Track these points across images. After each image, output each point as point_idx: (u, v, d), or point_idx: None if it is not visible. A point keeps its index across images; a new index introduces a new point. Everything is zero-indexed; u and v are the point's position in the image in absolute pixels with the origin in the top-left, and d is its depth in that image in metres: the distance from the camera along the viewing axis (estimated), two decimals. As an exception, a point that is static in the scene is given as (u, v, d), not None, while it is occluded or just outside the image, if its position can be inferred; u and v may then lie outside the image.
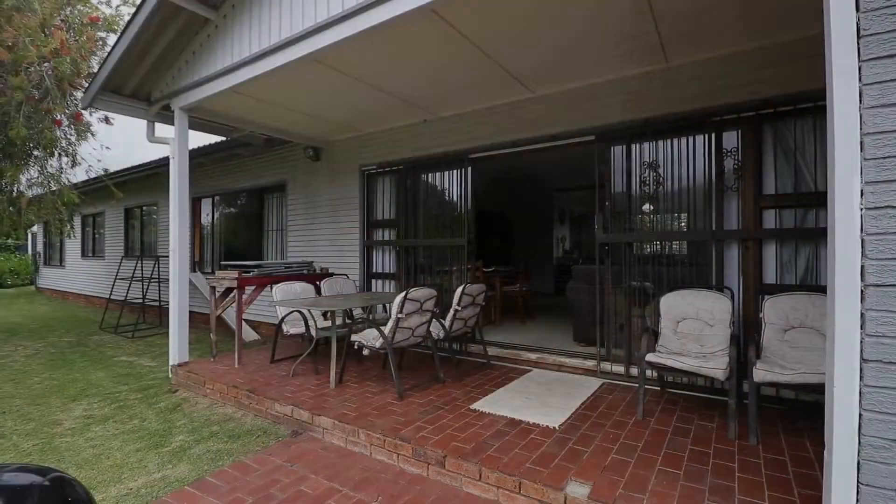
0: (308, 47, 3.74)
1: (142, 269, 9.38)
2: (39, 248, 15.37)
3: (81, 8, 5.10)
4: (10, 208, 5.14)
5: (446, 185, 5.74)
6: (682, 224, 4.27)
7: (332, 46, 3.63)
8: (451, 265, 5.68)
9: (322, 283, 5.78)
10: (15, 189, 5.00)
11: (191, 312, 9.13)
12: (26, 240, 19.26)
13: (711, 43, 3.81)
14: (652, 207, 4.37)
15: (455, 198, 5.63)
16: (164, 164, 9.03)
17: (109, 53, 4.62)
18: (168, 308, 9.31)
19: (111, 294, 9.58)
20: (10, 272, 17.32)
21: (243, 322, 7.51)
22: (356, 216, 6.49)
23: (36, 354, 7.04)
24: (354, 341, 4.31)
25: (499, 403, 3.77)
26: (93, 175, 6.58)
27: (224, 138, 6.89)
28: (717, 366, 3.17)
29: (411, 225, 6.02)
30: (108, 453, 3.55)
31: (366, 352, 4.23)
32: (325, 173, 6.91)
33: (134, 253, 10.93)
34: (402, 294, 3.93)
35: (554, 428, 3.25)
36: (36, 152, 5.51)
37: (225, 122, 5.83)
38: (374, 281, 6.45)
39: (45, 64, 4.96)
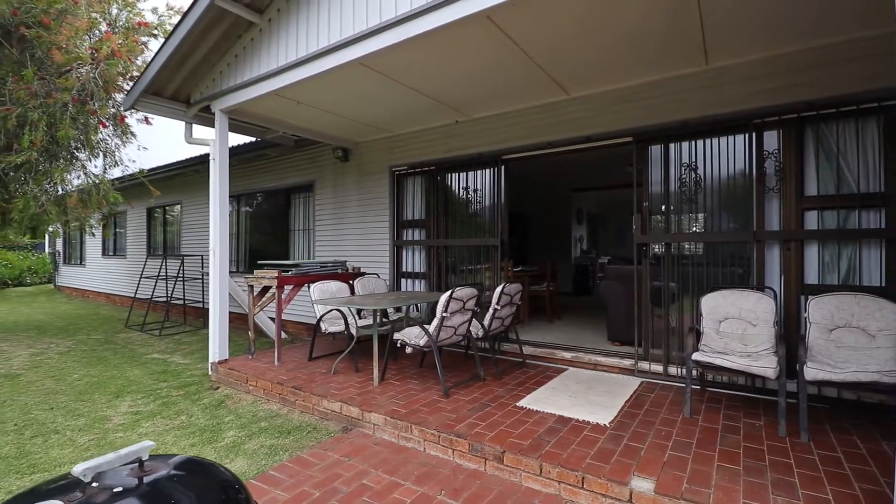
0: (358, 51, 3.81)
1: (165, 269, 9.49)
2: (58, 246, 15.54)
3: (127, 12, 5.21)
4: (56, 208, 5.25)
5: (478, 186, 5.81)
6: (723, 225, 4.32)
7: (382, 51, 3.71)
8: (484, 265, 5.75)
9: (355, 282, 5.86)
10: (60, 189, 5.11)
11: (216, 311, 9.25)
12: (44, 238, 19.46)
13: (753, 45, 3.85)
14: (691, 208, 4.42)
15: (487, 198, 5.69)
16: (187, 164, 9.16)
17: (154, 57, 4.71)
18: (193, 307, 9.47)
19: (136, 293, 9.70)
20: (28, 270, 17.52)
21: (270, 320, 7.62)
22: (386, 216, 6.56)
23: (69, 352, 7.15)
24: (397, 339, 4.38)
25: (544, 401, 3.83)
26: (127, 174, 6.68)
27: (255, 139, 6.98)
28: (766, 365, 3.23)
29: (442, 225, 6.09)
30: (164, 448, 3.64)
31: (408, 350, 4.30)
32: (353, 173, 6.99)
33: (156, 252, 11.05)
34: (448, 293, 4.00)
35: (605, 425, 3.31)
36: (79, 153, 5.62)
37: (260, 123, 5.92)
38: (403, 280, 6.53)
39: (87, 66, 5.06)
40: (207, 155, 8.46)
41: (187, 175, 9.71)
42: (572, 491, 2.69)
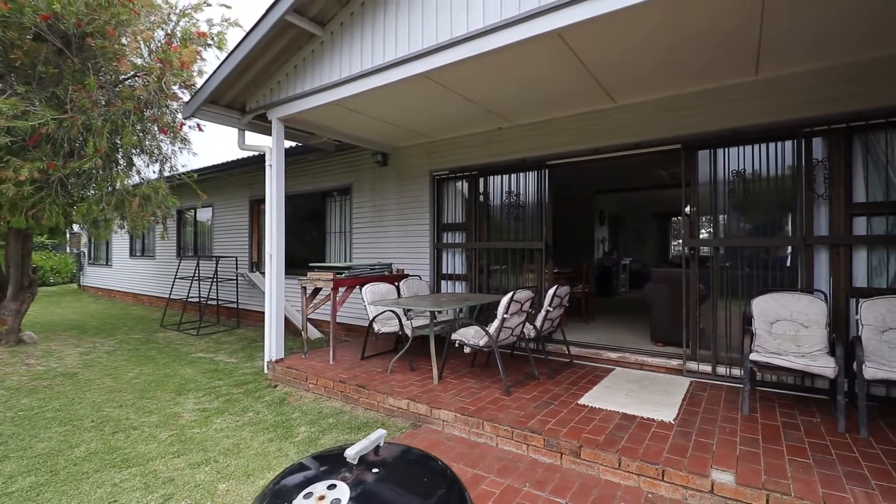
0: (425, 65, 3.99)
1: (198, 270, 9.68)
2: (83, 247, 15.80)
3: (184, 23, 5.41)
4: (116, 212, 5.45)
5: (521, 190, 5.97)
6: (771, 230, 4.48)
7: (450, 65, 3.88)
8: (527, 267, 5.92)
9: (401, 284, 6.04)
10: (121, 188, 5.30)
11: (249, 311, 9.48)
12: (65, 238, 19.73)
13: (804, 58, 4.00)
14: (738, 213, 4.58)
15: (531, 202, 5.86)
16: (221, 168, 9.36)
17: (219, 68, 4.90)
18: (226, 307, 9.67)
19: (171, 293, 9.91)
20: (51, 270, 17.80)
21: (307, 321, 7.81)
22: (426, 219, 6.74)
23: (115, 351, 7.35)
24: (455, 340, 4.56)
25: (604, 399, 4.00)
26: (172, 176, 6.88)
27: (297, 144, 7.17)
28: (825, 364, 3.40)
29: (483, 228, 6.27)
30: (244, 443, 3.83)
31: (467, 350, 4.48)
32: (392, 177, 7.17)
33: (186, 253, 11.26)
34: (509, 295, 4.18)
35: (671, 422, 3.48)
36: (136, 159, 5.84)
37: (308, 129, 6.10)
38: (443, 282, 6.70)
39: (154, 75, 5.26)
40: (239, 160, 8.76)
41: (221, 178, 9.91)
42: (652, 483, 2.86)
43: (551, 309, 4.75)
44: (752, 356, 3.67)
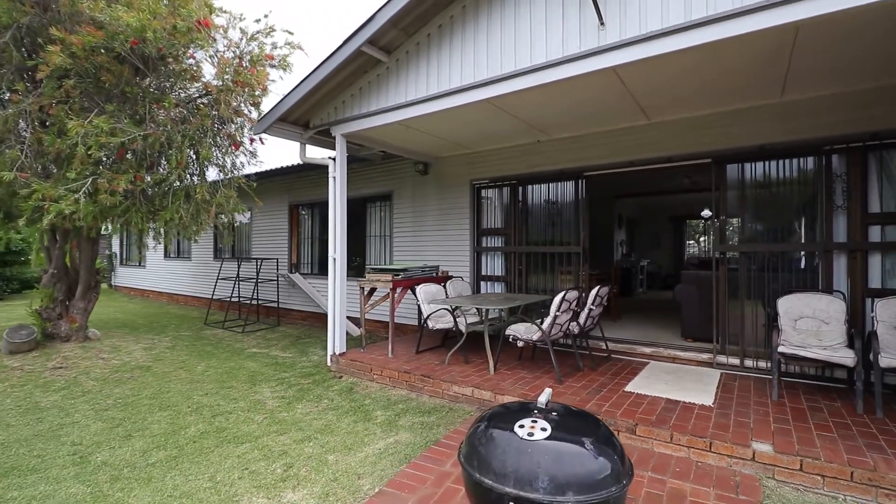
0: (489, 92, 4.51)
1: (238, 271, 10.23)
2: (115, 248, 16.40)
3: (252, 47, 5.95)
4: (192, 219, 6.00)
5: (557, 199, 6.50)
6: (793, 236, 5.00)
7: (512, 92, 4.41)
8: (564, 269, 6.45)
9: (447, 284, 6.57)
10: (200, 200, 5.85)
11: (288, 309, 10.02)
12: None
13: (827, 83, 4.51)
14: (764, 221, 5.10)
15: (569, 210, 6.39)
16: (263, 176, 9.90)
17: (293, 90, 5.46)
18: (265, 306, 10.22)
19: (213, 293, 10.47)
20: (82, 271, 18.41)
21: (348, 319, 8.35)
22: (466, 225, 7.27)
23: (174, 347, 7.90)
24: (509, 335, 5.09)
25: (647, 387, 4.53)
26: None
27: (347, 154, 7.71)
28: (845, 355, 3.92)
29: (522, 232, 6.80)
30: (333, 424, 4.36)
31: (520, 343, 5.01)
32: (433, 185, 7.70)
33: (223, 255, 11.82)
34: (561, 294, 4.71)
35: (710, 406, 4.01)
36: (207, 171, 6.40)
37: (363, 143, 6.63)
38: (482, 283, 7.23)
39: (234, 94, 5.82)
40: (280, 168, 9.34)
41: (262, 184, 10.44)
42: (701, 454, 3.39)
43: (594, 307, 5.27)
44: (780, 349, 4.19)
